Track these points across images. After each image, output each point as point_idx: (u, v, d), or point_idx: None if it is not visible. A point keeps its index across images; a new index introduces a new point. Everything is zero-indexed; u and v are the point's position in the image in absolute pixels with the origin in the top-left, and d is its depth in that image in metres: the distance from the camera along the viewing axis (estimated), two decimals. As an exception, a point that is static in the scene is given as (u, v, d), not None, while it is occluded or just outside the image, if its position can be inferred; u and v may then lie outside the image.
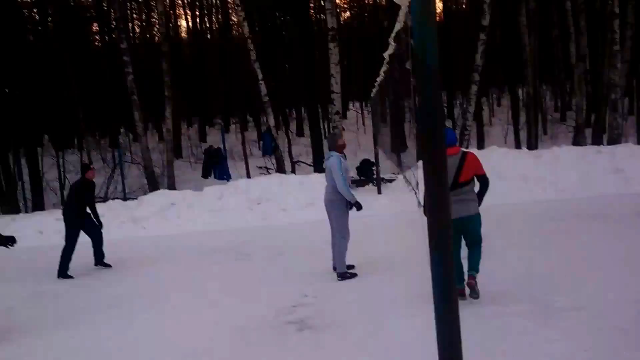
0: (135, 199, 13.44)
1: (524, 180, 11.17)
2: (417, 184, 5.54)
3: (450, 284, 2.43)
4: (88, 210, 8.46)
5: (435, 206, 2.39)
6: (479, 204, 5.35)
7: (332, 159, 6.71)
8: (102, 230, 8.64)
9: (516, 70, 24.64)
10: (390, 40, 4.22)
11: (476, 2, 21.38)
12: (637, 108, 19.94)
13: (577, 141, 17.07)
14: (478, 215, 5.29)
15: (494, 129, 26.06)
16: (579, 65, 18.45)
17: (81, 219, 8.39)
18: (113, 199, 14.63)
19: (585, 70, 19.39)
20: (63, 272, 8.09)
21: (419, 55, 2.34)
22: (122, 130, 31.38)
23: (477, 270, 5.24)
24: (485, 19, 14.63)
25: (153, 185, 16.53)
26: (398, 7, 3.23)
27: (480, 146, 19.94)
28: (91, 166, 8.78)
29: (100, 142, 28.84)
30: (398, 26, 3.51)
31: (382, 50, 5.68)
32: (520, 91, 24.69)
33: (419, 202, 4.86)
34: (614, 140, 14.15)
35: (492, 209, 8.02)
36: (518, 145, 19.45)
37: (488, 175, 5.40)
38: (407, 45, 3.21)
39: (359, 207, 6.73)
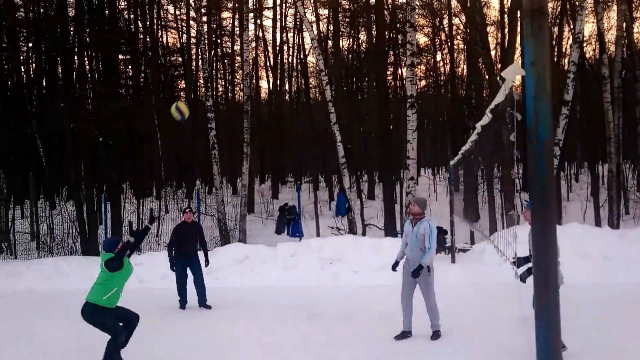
0: (209, 250, 13.81)
1: (607, 260, 10.71)
2: (516, 254, 5.49)
3: (557, 350, 2.42)
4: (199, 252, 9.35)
5: (544, 276, 2.43)
6: None
7: (430, 223, 6.80)
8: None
9: (597, 147, 24.04)
10: (487, 112, 4.31)
11: (560, 76, 21.28)
12: None
13: (663, 223, 16.26)
14: None
15: (572, 204, 25.21)
16: (666, 145, 17.81)
17: (180, 260, 9.09)
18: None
19: (672, 150, 18.68)
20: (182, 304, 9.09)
21: (532, 128, 2.44)
22: (198, 182, 32.58)
23: None
24: (569, 94, 14.51)
25: (225, 237, 16.97)
26: (502, 79, 3.35)
27: (559, 221, 19.31)
28: (186, 209, 9.46)
29: (177, 193, 29.99)
30: (500, 98, 3.61)
31: (456, 119, 5.79)
32: (600, 168, 23.99)
33: (516, 273, 4.82)
34: None
35: (575, 289, 7.74)
36: (598, 224, 18.72)
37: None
38: (512, 117, 3.30)
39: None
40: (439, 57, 36.26)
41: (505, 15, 21.85)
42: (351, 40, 33.46)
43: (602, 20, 21.02)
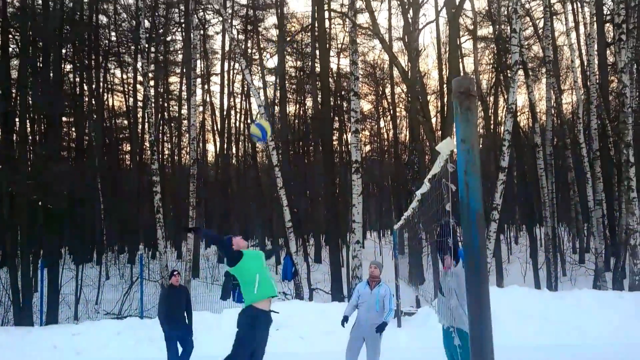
0: (152, 317, 13.38)
1: (547, 322, 11.00)
2: (454, 319, 5.61)
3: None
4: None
5: (479, 342, 2.54)
6: None
7: (387, 288, 6.96)
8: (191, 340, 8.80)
9: (533, 211, 25.05)
10: (426, 181, 4.53)
11: (494, 143, 22.35)
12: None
13: (597, 285, 16.92)
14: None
15: (513, 266, 25.91)
16: (596, 209, 18.80)
17: (168, 326, 8.54)
18: (128, 316, 14.60)
19: (602, 214, 19.69)
20: None
21: (464, 200, 2.61)
22: (141, 246, 31.76)
23: None
24: (505, 161, 15.22)
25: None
26: (436, 152, 3.57)
27: (500, 284, 19.77)
28: (175, 272, 8.99)
29: (118, 258, 29.11)
30: (436, 169, 3.82)
31: (400, 183, 6.04)
32: (537, 231, 24.91)
33: (454, 339, 4.93)
34: (635, 287, 14.03)
35: (515, 351, 7.91)
36: (538, 285, 19.28)
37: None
38: (447, 188, 3.50)
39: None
40: (382, 123, 37.49)
41: (445, 85, 23.02)
42: (297, 106, 34.29)
43: (532, 92, 22.43)
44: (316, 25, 21.35)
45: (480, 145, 32.61)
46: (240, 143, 37.46)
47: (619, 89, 14.89)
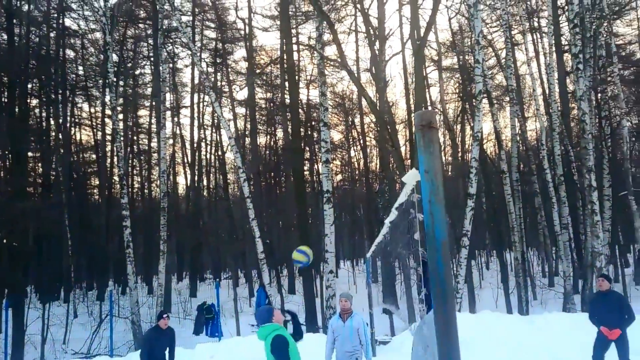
0: (122, 355, 13.12)
1: (519, 346, 11.11)
2: (427, 346, 5.62)
3: None
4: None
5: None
6: None
7: (360, 318, 6.97)
8: None
9: (503, 236, 25.43)
10: (394, 209, 4.63)
11: (462, 170, 22.75)
12: (622, 276, 20.31)
13: (567, 308, 17.19)
14: None
15: (484, 292, 26.13)
16: (562, 233, 19.21)
17: None
18: (97, 355, 14.25)
19: (569, 237, 20.11)
20: None
21: (429, 228, 2.71)
22: (110, 282, 31.14)
23: None
24: (473, 187, 15.50)
25: (140, 341, 16.15)
26: (403, 182, 3.67)
27: (472, 310, 19.91)
28: (164, 315, 8.73)
29: (87, 295, 28.46)
30: (403, 198, 3.93)
31: (372, 212, 6.14)
32: (508, 255, 25.27)
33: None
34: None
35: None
36: (509, 310, 19.48)
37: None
38: (415, 217, 3.61)
39: None
40: (353, 152, 37.84)
41: (412, 115, 23.44)
42: (268, 137, 34.47)
43: (497, 120, 23.00)
44: (285, 57, 21.65)
45: (449, 173, 33.19)
46: (211, 175, 37.34)
47: (579, 116, 15.40)
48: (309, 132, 29.64)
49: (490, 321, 11.86)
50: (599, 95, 19.69)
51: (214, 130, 34.02)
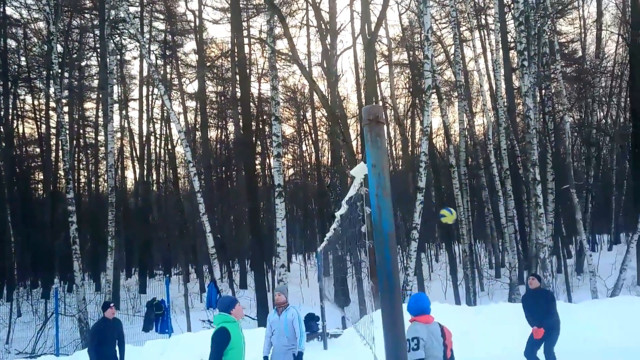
0: (68, 354, 12.78)
1: (467, 336, 11.40)
2: (373, 338, 5.71)
3: None
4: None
5: (395, 357, 2.65)
6: None
7: (294, 311, 6.92)
8: None
9: (452, 229, 25.97)
10: (343, 203, 4.67)
11: (412, 164, 23.13)
12: (564, 266, 21.10)
13: (512, 298, 17.75)
14: None
15: (434, 284, 26.66)
16: (508, 225, 19.81)
17: None
18: (42, 354, 13.82)
19: (515, 230, 20.73)
20: None
21: (376, 221, 2.74)
22: (56, 280, 30.22)
23: None
24: (422, 181, 15.77)
25: (87, 340, 15.77)
26: (352, 176, 3.71)
27: (422, 301, 20.28)
28: (111, 304, 8.57)
29: (31, 293, 27.54)
30: (352, 192, 3.96)
31: (323, 206, 6.19)
32: (456, 248, 25.84)
33: (375, 357, 5.00)
34: (546, 297, 14.81)
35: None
36: (458, 301, 19.94)
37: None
38: (363, 210, 3.65)
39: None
40: (304, 146, 37.87)
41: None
42: (219, 130, 34.10)
43: (446, 115, 23.46)
44: (236, 50, 21.44)
45: (400, 167, 33.68)
46: (161, 169, 36.69)
47: (524, 111, 15.88)
48: (261, 126, 29.49)
49: (438, 312, 12.07)
50: (543, 91, 20.30)
51: (163, 124, 33.42)
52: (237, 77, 23.56)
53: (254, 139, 26.10)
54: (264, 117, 28.95)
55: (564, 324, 11.52)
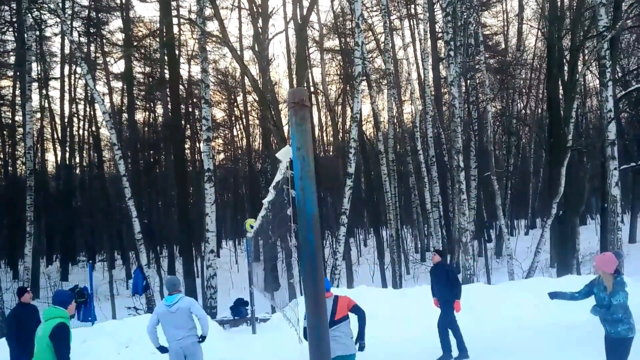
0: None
1: (391, 319, 11.73)
2: (298, 320, 5.83)
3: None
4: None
5: (316, 339, 2.71)
6: (363, 336, 5.88)
7: (190, 299, 6.83)
8: None
9: (379, 214, 26.54)
10: (271, 189, 4.68)
11: (342, 150, 23.37)
12: (485, 250, 22.03)
13: (436, 280, 18.37)
14: (353, 355, 5.67)
15: (362, 267, 27.18)
16: (433, 211, 20.46)
17: (18, 349, 7.69)
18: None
19: (439, 215, 21.43)
20: None
21: (300, 204, 2.77)
22: (-31, 268, 28.62)
23: None
24: (351, 167, 16.00)
25: (2, 330, 15.06)
26: (279, 160, 3.72)
27: (350, 285, 20.67)
28: (27, 289, 8.23)
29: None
30: (279, 176, 3.98)
31: (254, 190, 6.18)
32: (384, 233, 26.42)
33: (299, 338, 5.10)
34: (466, 280, 15.47)
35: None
36: (384, 284, 20.44)
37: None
38: (288, 194, 3.67)
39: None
40: (235, 131, 37.49)
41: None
42: (147, 113, 33.09)
43: (375, 102, 23.83)
44: (164, 31, 20.82)
45: (330, 153, 33.97)
46: (84, 152, 35.27)
47: (450, 100, 16.37)
48: (190, 110, 28.89)
49: (366, 295, 12.37)
50: (468, 81, 20.99)
51: (87, 105, 32.08)
52: (166, 58, 22.91)
53: (183, 122, 25.55)
54: (194, 100, 28.36)
55: (484, 304, 12.11)
